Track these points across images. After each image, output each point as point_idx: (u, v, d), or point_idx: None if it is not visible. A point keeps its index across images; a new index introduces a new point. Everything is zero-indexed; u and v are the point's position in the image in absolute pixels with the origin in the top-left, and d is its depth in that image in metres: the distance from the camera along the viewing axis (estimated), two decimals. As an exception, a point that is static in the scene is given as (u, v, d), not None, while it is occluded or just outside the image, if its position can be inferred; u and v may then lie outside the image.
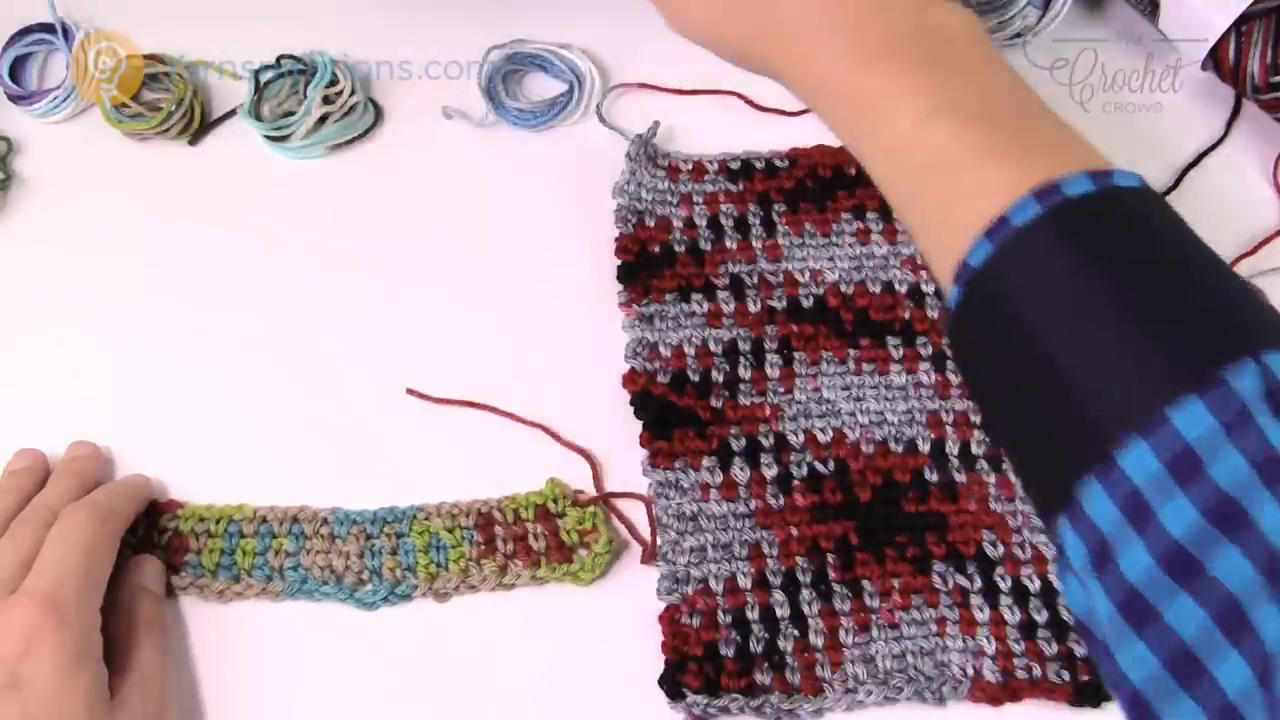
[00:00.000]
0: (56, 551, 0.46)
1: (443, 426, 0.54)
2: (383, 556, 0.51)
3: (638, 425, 0.53)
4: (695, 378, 0.54)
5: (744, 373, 0.55)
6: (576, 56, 0.62)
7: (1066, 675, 0.49)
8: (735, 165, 0.60)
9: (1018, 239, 0.36)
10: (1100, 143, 0.61)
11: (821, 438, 0.53)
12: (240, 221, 0.59)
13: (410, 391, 0.55)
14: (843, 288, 0.57)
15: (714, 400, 0.54)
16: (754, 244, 0.57)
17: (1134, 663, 0.33)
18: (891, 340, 0.55)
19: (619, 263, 0.57)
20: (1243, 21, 0.57)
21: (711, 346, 0.55)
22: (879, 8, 0.43)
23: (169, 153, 0.61)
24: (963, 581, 0.51)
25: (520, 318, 0.56)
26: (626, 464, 0.53)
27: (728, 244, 0.57)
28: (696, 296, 0.56)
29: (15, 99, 0.61)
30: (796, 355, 0.55)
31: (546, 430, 0.53)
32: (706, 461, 0.53)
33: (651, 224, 0.58)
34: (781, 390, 0.54)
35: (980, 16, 0.61)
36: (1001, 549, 0.51)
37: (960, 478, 0.53)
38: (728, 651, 0.49)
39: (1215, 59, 0.59)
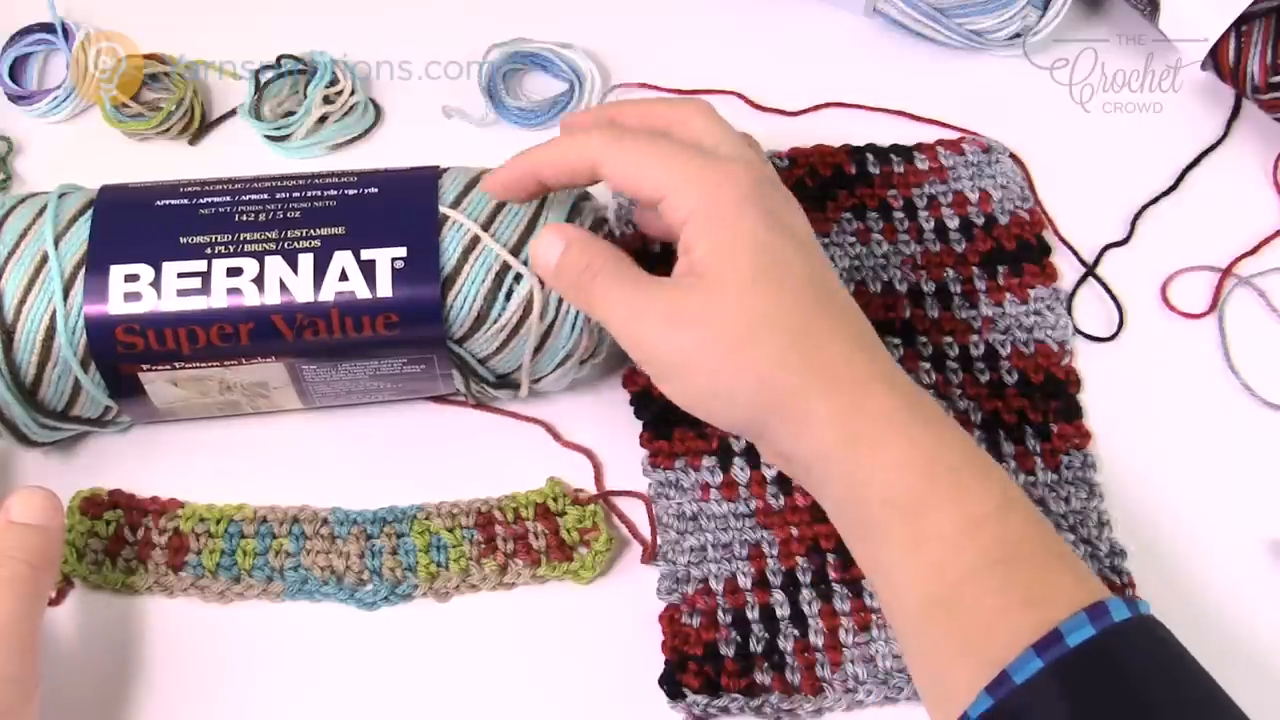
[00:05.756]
0: None
1: (443, 426, 0.54)
2: (383, 556, 0.51)
3: (638, 424, 0.53)
4: (695, 377, 0.54)
5: (744, 372, 0.54)
6: (577, 55, 0.62)
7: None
8: (735, 165, 0.60)
9: (1016, 695, 0.37)
10: (1100, 143, 0.62)
11: (822, 437, 0.53)
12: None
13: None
14: (843, 287, 0.57)
15: (714, 400, 0.54)
16: (754, 244, 0.57)
17: None
18: (891, 340, 0.55)
19: (619, 262, 0.57)
20: (1243, 21, 0.57)
21: (712, 346, 0.55)
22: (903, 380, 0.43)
23: (169, 153, 0.61)
24: (963, 581, 0.51)
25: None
26: (627, 463, 0.53)
27: (728, 244, 0.57)
28: (697, 296, 0.56)
29: (15, 99, 0.61)
30: (797, 355, 0.55)
31: (547, 428, 0.53)
32: (707, 461, 0.52)
33: (652, 224, 0.58)
34: (782, 390, 0.54)
35: (980, 16, 0.62)
36: (1002, 549, 0.51)
37: (960, 477, 0.53)
38: (728, 651, 0.49)
39: (1215, 59, 0.59)
